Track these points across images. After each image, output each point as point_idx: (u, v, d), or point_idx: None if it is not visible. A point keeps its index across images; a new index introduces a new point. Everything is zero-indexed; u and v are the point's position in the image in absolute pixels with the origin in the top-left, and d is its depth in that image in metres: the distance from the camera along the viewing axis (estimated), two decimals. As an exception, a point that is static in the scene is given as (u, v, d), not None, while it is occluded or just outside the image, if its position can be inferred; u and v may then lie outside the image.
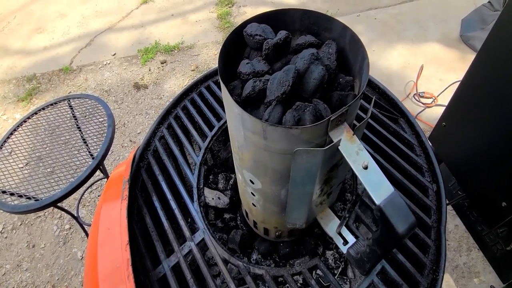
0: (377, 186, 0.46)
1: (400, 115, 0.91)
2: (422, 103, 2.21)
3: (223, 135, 1.05)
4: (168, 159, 0.93)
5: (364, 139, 0.90)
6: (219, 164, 1.13)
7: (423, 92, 2.24)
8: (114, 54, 2.84)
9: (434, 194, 0.77)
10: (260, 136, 0.53)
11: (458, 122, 1.07)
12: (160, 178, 0.89)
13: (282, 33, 0.60)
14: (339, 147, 0.50)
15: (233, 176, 1.07)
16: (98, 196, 2.06)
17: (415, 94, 2.24)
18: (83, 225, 1.67)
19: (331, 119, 0.48)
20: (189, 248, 0.74)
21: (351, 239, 0.64)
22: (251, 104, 0.59)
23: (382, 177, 0.47)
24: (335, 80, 0.61)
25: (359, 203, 0.80)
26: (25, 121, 1.48)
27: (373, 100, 0.53)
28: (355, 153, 0.49)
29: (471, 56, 2.34)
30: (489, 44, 0.93)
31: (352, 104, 0.50)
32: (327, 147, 0.48)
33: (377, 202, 0.45)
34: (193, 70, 2.65)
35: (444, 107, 1.15)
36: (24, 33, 3.14)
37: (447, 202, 1.31)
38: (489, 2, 2.50)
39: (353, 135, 0.50)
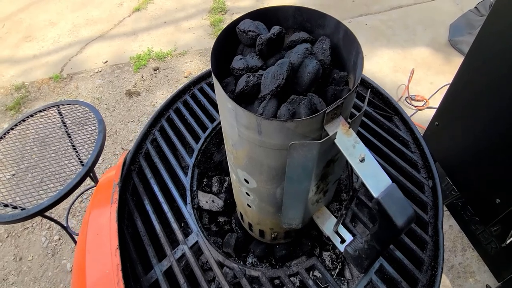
0: (375, 179, 0.45)
1: (394, 113, 0.91)
2: (414, 106, 2.23)
3: (217, 138, 1.03)
4: (160, 161, 0.91)
5: (359, 137, 0.89)
6: (213, 167, 1.11)
7: (415, 95, 2.27)
8: (106, 61, 2.81)
9: (430, 190, 0.76)
10: (254, 131, 0.51)
11: (451, 121, 1.08)
12: (152, 181, 0.86)
13: (276, 28, 0.59)
14: (335, 141, 0.49)
15: (227, 178, 1.05)
16: (89, 205, 2.01)
17: (406, 97, 2.27)
18: (73, 235, 1.61)
19: (327, 111, 0.47)
20: (182, 251, 0.72)
21: (348, 237, 0.62)
22: (245, 100, 0.58)
23: (379, 170, 0.46)
24: (329, 75, 0.61)
25: (357, 202, 0.79)
26: (12, 129, 1.44)
27: (367, 95, 0.53)
28: (351, 146, 0.48)
29: (459, 60, 2.38)
30: (476, 47, 0.95)
31: (348, 97, 0.50)
32: (323, 140, 0.47)
33: (375, 195, 0.43)
34: (186, 77, 2.64)
35: (435, 110, 1.16)
36: (13, 41, 3.10)
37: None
38: (475, 7, 2.57)
39: (349, 128, 0.49)
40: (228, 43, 0.63)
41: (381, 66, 2.51)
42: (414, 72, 2.39)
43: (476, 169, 0.99)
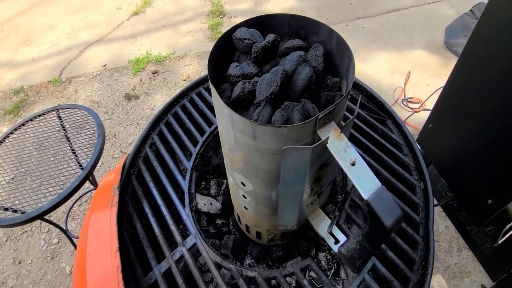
0: (365, 182, 0.47)
1: (387, 116, 0.93)
2: (410, 108, 2.26)
3: (215, 141, 1.05)
4: (159, 165, 0.92)
5: (353, 140, 0.91)
6: (211, 170, 1.12)
7: (411, 97, 2.29)
8: (105, 65, 2.83)
9: (422, 192, 0.78)
10: (249, 136, 0.53)
11: (444, 123, 1.10)
12: (151, 184, 0.88)
13: (270, 36, 0.61)
14: (327, 145, 0.51)
15: (225, 181, 1.07)
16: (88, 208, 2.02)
17: (403, 99, 2.29)
18: (72, 238, 1.62)
19: (319, 117, 0.49)
20: (180, 253, 0.73)
21: (342, 238, 0.64)
22: (241, 106, 0.60)
23: (369, 173, 0.47)
24: (322, 81, 0.62)
25: (351, 204, 0.81)
26: (12, 133, 1.45)
27: (359, 100, 0.54)
28: (342, 150, 0.50)
29: (455, 62, 2.41)
30: (468, 49, 0.97)
31: (339, 103, 0.52)
32: (315, 145, 0.49)
33: (364, 197, 0.45)
34: (184, 80, 2.66)
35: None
36: (12, 45, 3.11)
37: (437, 203, 1.33)
38: (471, 10, 2.60)
39: (341, 133, 0.51)
40: (225, 50, 0.64)
41: (378, 68, 2.53)
42: (411, 74, 2.42)
43: (469, 170, 1.01)
